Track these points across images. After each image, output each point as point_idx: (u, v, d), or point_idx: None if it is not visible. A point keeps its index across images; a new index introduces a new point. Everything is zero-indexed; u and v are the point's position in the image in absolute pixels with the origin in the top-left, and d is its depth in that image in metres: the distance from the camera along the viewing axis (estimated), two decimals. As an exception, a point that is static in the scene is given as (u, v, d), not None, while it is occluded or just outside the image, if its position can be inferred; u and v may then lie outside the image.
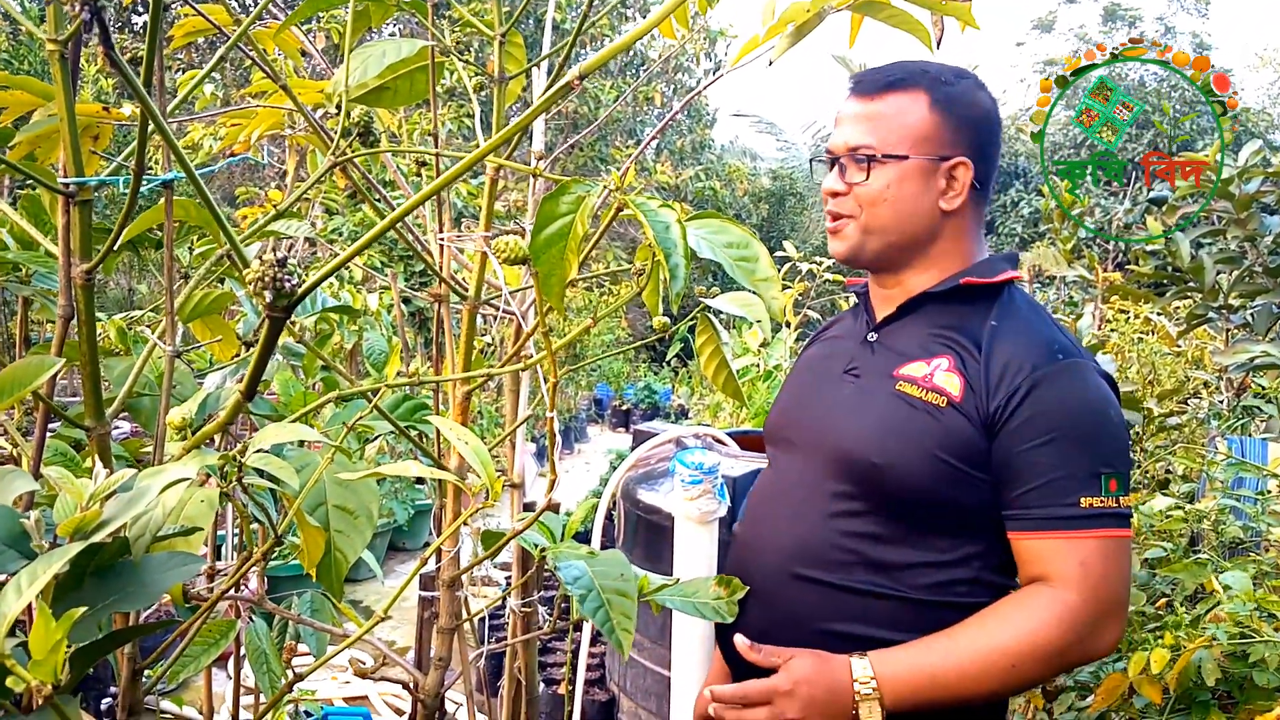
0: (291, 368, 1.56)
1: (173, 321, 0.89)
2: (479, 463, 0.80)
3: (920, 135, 1.31)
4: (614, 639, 1.24)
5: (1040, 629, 1.16)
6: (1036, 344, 1.26)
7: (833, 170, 1.35)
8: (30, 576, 0.53)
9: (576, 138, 2.26)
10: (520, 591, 1.85)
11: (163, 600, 1.03)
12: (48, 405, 0.84)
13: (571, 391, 10.15)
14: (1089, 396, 1.24)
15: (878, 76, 1.35)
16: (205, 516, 0.92)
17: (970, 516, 1.26)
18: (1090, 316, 2.53)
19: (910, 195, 1.31)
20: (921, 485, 1.24)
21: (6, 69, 6.46)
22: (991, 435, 1.23)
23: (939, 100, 1.32)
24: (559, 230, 1.04)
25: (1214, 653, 1.29)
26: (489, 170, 1.24)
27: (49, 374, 0.70)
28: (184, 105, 1.32)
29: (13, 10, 1.00)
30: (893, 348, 1.35)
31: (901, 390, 1.28)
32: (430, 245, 1.36)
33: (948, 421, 1.24)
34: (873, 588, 1.26)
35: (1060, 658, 1.19)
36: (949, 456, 1.23)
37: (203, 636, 1.15)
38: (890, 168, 1.30)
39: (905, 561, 1.26)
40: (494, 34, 1.26)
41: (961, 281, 1.33)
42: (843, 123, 1.36)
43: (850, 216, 1.33)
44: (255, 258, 0.58)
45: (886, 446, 1.26)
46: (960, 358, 1.27)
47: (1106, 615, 1.18)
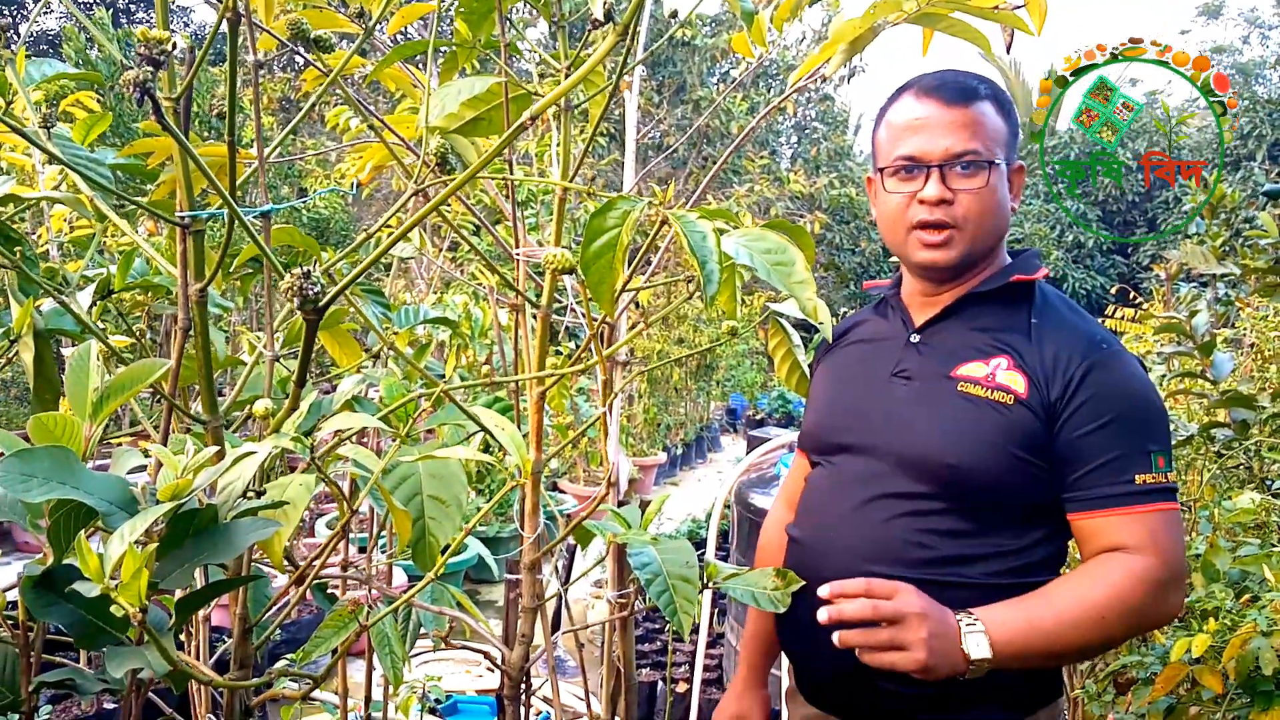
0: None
1: (271, 331, 1.05)
2: (512, 446, 0.92)
3: (1003, 141, 1.37)
4: (676, 621, 1.34)
5: (1125, 588, 1.23)
6: (1081, 336, 1.33)
7: (927, 178, 1.34)
8: (131, 528, 0.68)
9: (712, 152, 2.36)
10: (617, 583, 1.97)
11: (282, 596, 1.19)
12: (169, 401, 1.01)
13: (703, 401, 10.24)
14: (1134, 382, 1.30)
15: (959, 84, 1.38)
16: (302, 497, 1.07)
17: (1037, 504, 1.32)
18: (1206, 313, 2.45)
19: (1004, 199, 1.37)
20: (996, 481, 1.30)
21: (132, 118, 7.11)
22: (1052, 425, 1.29)
23: (1004, 108, 1.38)
24: (607, 242, 1.15)
25: (1273, 641, 1.28)
26: (558, 191, 1.37)
27: (160, 372, 0.86)
28: (333, 137, 1.50)
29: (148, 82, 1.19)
30: (942, 348, 1.39)
31: (965, 390, 1.33)
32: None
33: (1017, 417, 1.29)
34: (945, 578, 1.31)
35: (1140, 615, 1.26)
36: (1020, 451, 1.29)
37: (331, 621, 1.32)
38: (993, 173, 1.34)
39: (977, 553, 1.31)
40: (560, 67, 1.39)
41: (1011, 280, 1.37)
42: (927, 130, 1.35)
43: (956, 224, 1.34)
44: (288, 272, 0.71)
45: (961, 446, 1.31)
46: (1017, 355, 1.32)
47: (1176, 578, 1.26)
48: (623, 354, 1.95)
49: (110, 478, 0.81)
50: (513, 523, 5.36)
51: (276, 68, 9.56)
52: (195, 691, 1.84)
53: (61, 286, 1.15)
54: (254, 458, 0.80)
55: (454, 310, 2.92)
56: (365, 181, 2.02)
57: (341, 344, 1.67)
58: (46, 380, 1.02)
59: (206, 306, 1.02)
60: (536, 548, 1.44)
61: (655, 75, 13.01)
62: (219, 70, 8.42)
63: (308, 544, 4.60)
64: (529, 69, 1.52)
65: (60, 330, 1.14)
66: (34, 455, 0.76)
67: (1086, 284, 16.87)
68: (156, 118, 0.66)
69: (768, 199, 11.88)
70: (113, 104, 7.06)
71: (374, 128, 1.31)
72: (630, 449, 7.78)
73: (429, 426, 1.58)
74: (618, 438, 1.97)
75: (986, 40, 1.52)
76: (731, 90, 7.23)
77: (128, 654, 0.80)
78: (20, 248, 1.07)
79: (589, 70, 0.83)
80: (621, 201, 1.17)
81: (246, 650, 1.08)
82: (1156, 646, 1.64)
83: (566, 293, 1.80)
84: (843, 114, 17.52)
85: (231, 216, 0.90)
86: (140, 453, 0.85)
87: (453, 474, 1.31)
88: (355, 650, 3.08)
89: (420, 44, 1.37)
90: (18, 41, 1.23)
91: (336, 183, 3.93)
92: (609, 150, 10.56)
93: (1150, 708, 1.48)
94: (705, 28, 13.16)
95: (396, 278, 5.49)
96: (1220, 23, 23.84)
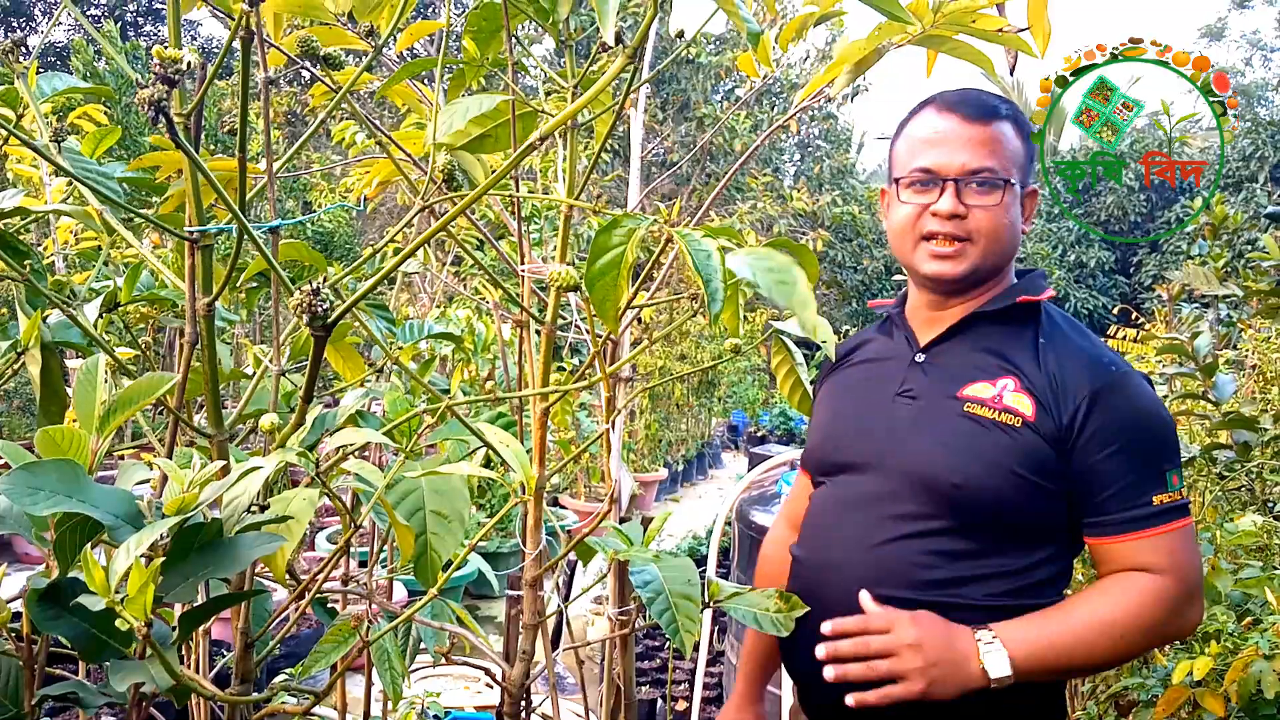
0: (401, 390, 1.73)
1: (278, 345, 1.06)
2: (516, 462, 0.92)
3: (1020, 163, 1.38)
4: (678, 640, 1.34)
5: (1144, 605, 1.25)
6: (1089, 360, 1.33)
7: (942, 191, 1.35)
8: (137, 542, 0.68)
9: (715, 169, 2.37)
10: (618, 600, 1.97)
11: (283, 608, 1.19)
12: (175, 415, 1.01)
13: (705, 418, 10.23)
14: (1144, 403, 1.31)
15: (981, 102, 1.39)
16: (305, 512, 1.08)
17: (1042, 525, 1.32)
18: (1208, 334, 2.46)
19: (1016, 219, 1.38)
20: (1001, 502, 1.30)
21: (139, 131, 7.15)
22: (1063, 449, 1.29)
23: (1023, 130, 1.39)
24: (612, 260, 1.15)
25: (1275, 664, 1.28)
26: (563, 208, 1.38)
27: (168, 386, 0.87)
28: (340, 151, 1.51)
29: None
30: (948, 368, 1.39)
31: (971, 411, 1.33)
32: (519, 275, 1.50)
33: (1024, 439, 1.29)
34: (950, 599, 1.31)
35: (1158, 633, 1.28)
36: (1026, 472, 1.29)
37: (331, 635, 1.32)
38: (1008, 192, 1.35)
39: (982, 574, 1.31)
40: (567, 85, 1.40)
41: (1018, 300, 1.38)
42: (946, 144, 1.36)
43: (967, 239, 1.35)
44: (297, 288, 0.72)
45: (967, 467, 1.31)
46: (1024, 377, 1.32)
47: (1193, 594, 1.28)
48: (626, 370, 1.95)
49: (117, 491, 0.81)
50: (512, 538, 5.36)
51: (283, 83, 9.61)
52: (195, 705, 1.83)
53: (69, 299, 1.16)
54: (260, 472, 0.80)
55: (457, 325, 2.92)
56: (372, 196, 2.03)
57: (345, 358, 1.68)
58: (53, 393, 1.03)
59: (214, 320, 1.02)
60: (539, 563, 1.44)
61: (659, 92, 13.06)
62: (225, 84, 8.46)
63: (307, 558, 4.59)
64: (535, 85, 1.53)
65: (67, 343, 1.15)
66: (41, 468, 0.77)
67: (1089, 304, 16.88)
68: (170, 136, 0.67)
69: (771, 216, 11.92)
70: (120, 117, 7.09)
71: (381, 144, 1.32)
72: (631, 465, 7.78)
73: (430, 442, 1.58)
74: (620, 454, 1.98)
75: (990, 62, 1.53)
76: (736, 109, 7.28)
77: (131, 668, 0.80)
78: (29, 260, 1.08)
79: (598, 92, 0.84)
80: (626, 219, 1.17)
81: (248, 665, 1.08)
82: (1158, 669, 1.64)
83: (570, 308, 1.80)
84: (846, 132, 17.58)
85: (239, 232, 0.91)
86: (146, 466, 0.86)
87: (455, 489, 1.31)
88: (354, 665, 3.08)
89: (429, 61, 1.38)
90: (29, 56, 1.24)
91: (342, 198, 3.95)
92: (613, 166, 10.60)
93: (1152, 730, 1.48)
94: (709, 45, 13.21)
95: (400, 292, 5.50)
96: (1223, 45, 23.92)
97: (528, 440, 1.45)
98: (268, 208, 1.04)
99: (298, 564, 1.66)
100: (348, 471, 1.13)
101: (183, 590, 0.78)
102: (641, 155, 2.07)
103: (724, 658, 3.79)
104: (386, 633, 1.23)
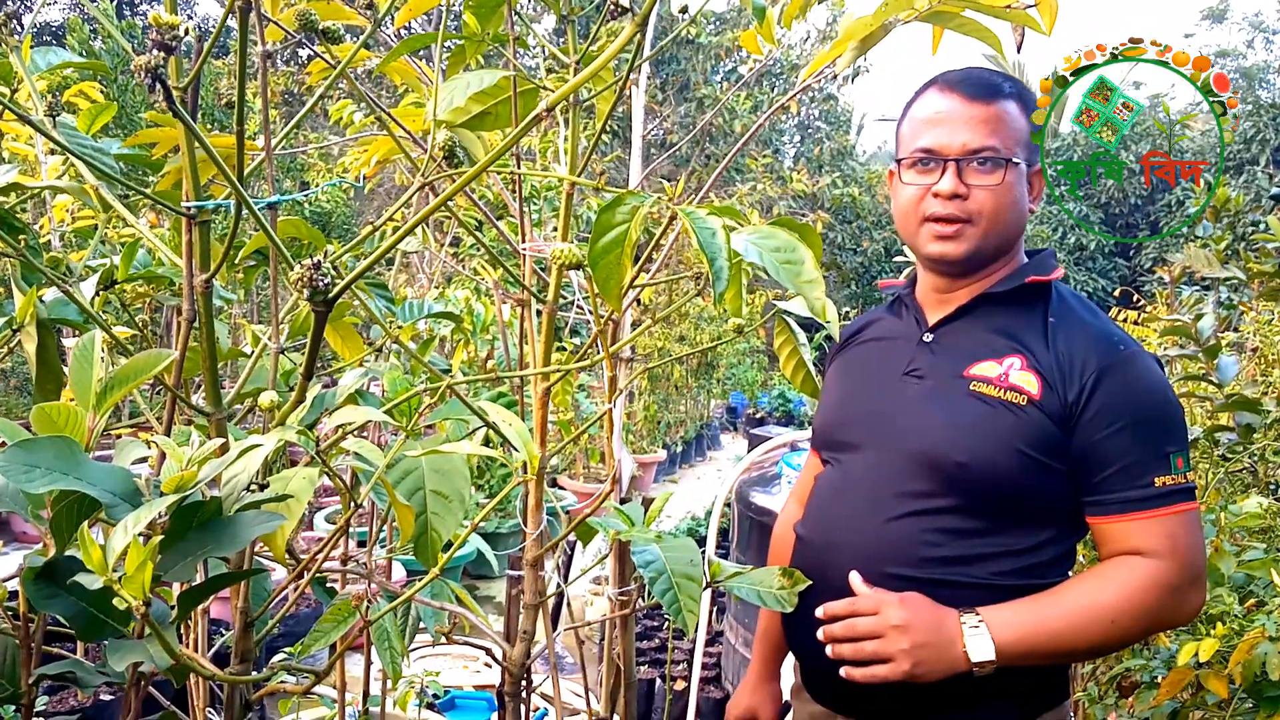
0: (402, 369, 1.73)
1: (277, 324, 1.05)
2: (520, 441, 0.91)
3: (1023, 141, 1.36)
4: (680, 619, 1.34)
5: (1139, 591, 1.24)
6: (1098, 338, 1.31)
7: (943, 172, 1.34)
8: (135, 520, 0.67)
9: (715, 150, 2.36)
10: (618, 580, 1.97)
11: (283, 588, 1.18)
12: (173, 393, 1.00)
13: (704, 399, 10.23)
14: (1151, 383, 1.29)
15: (983, 80, 1.37)
16: (305, 490, 1.07)
17: (1048, 505, 1.31)
18: (1211, 317, 2.45)
19: (1020, 198, 1.36)
20: (1007, 480, 1.29)
21: (135, 109, 7.10)
22: (1068, 427, 1.28)
23: (1028, 109, 1.37)
24: (615, 238, 1.14)
25: (1279, 646, 1.27)
26: (565, 186, 1.36)
27: (165, 363, 0.85)
28: (337, 130, 1.49)
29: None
30: (955, 348, 1.39)
31: (977, 390, 1.33)
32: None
33: (1030, 418, 1.29)
34: (954, 577, 1.31)
35: (1154, 618, 1.26)
36: (1031, 450, 1.28)
37: (331, 615, 1.31)
38: (1010, 171, 1.33)
39: (987, 553, 1.31)
40: (569, 62, 1.38)
41: (1027, 280, 1.37)
42: (947, 124, 1.35)
43: (968, 220, 1.34)
44: (298, 263, 0.71)
45: (972, 445, 1.30)
46: (1031, 356, 1.32)
47: (1194, 580, 1.26)
48: (626, 351, 1.94)
49: (114, 469, 0.80)
50: (512, 518, 5.36)
51: (280, 61, 9.55)
52: (194, 685, 1.83)
53: (65, 276, 1.14)
54: (260, 450, 0.79)
55: (456, 305, 2.91)
56: (370, 175, 2.01)
57: (344, 337, 1.66)
58: (49, 370, 1.02)
59: (211, 298, 1.01)
60: (539, 544, 1.43)
61: (659, 73, 13.00)
62: (222, 63, 8.40)
63: (306, 537, 4.59)
64: (535, 63, 1.51)
65: (63, 320, 1.14)
66: (37, 445, 0.76)
67: (1089, 286, 16.88)
68: (167, 103, 0.65)
69: (770, 198, 11.88)
70: (115, 95, 7.05)
71: (381, 120, 1.30)
72: (630, 446, 7.79)
73: (430, 421, 1.57)
74: (621, 435, 1.97)
75: (997, 39, 1.51)
76: (737, 89, 7.22)
77: (130, 647, 0.79)
78: (24, 236, 1.06)
79: (603, 64, 0.82)
80: (630, 197, 1.16)
81: (248, 644, 1.08)
82: (1161, 650, 1.64)
83: (572, 288, 1.79)
84: (846, 113, 17.52)
85: (238, 207, 0.89)
86: (143, 444, 0.85)
87: (456, 469, 1.30)
88: (354, 644, 3.08)
89: (429, 36, 1.36)
90: (22, 32, 1.22)
91: (339, 176, 3.93)
92: (612, 148, 10.55)
93: (1154, 711, 1.48)
94: (710, 25, 13.14)
95: (398, 272, 5.48)
96: (1225, 27, 23.81)
97: (528, 420, 1.44)
98: (265, 187, 1.03)
99: (297, 544, 1.66)
100: (347, 451, 1.12)
101: (181, 569, 0.77)
102: (642, 135, 2.05)
103: (722, 637, 3.80)
104: (386, 613, 1.22)
